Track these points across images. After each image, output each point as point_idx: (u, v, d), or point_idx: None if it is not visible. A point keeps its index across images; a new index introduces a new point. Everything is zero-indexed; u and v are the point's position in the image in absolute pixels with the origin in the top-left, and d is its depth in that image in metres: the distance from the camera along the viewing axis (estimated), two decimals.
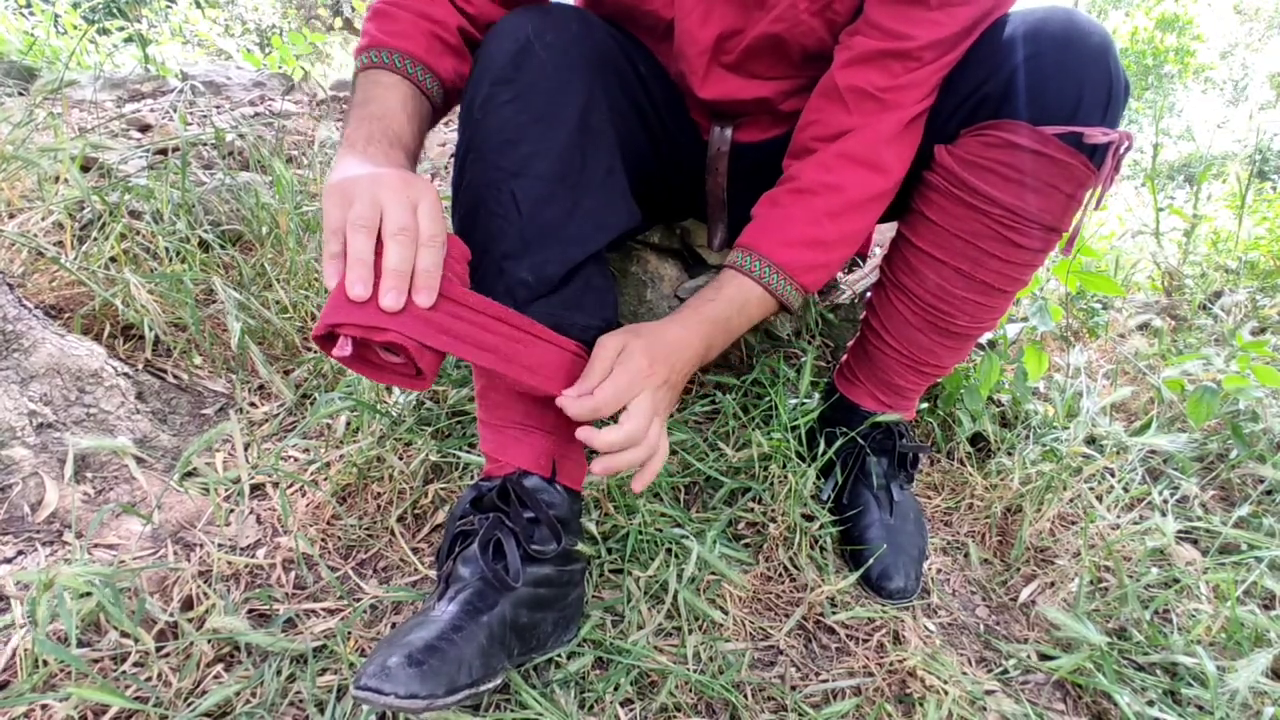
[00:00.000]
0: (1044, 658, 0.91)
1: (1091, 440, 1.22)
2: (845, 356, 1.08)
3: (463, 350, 0.64)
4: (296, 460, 1.04)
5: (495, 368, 0.68)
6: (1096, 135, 0.73)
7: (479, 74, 0.73)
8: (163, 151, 1.55)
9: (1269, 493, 1.23)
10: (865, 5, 0.78)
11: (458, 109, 0.79)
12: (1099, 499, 1.14)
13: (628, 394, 0.69)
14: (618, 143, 0.79)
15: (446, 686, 0.61)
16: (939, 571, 1.03)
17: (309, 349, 1.22)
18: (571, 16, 0.77)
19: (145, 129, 1.74)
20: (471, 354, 0.65)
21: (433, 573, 0.90)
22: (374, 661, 0.60)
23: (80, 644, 0.73)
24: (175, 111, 1.73)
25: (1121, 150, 0.76)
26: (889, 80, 0.77)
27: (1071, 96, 0.74)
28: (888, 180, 0.81)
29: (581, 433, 0.69)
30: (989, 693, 0.84)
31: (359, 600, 0.85)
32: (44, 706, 0.67)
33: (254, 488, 0.98)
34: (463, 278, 0.67)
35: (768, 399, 1.12)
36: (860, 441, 1.02)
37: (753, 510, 1.03)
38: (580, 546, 0.81)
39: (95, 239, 1.23)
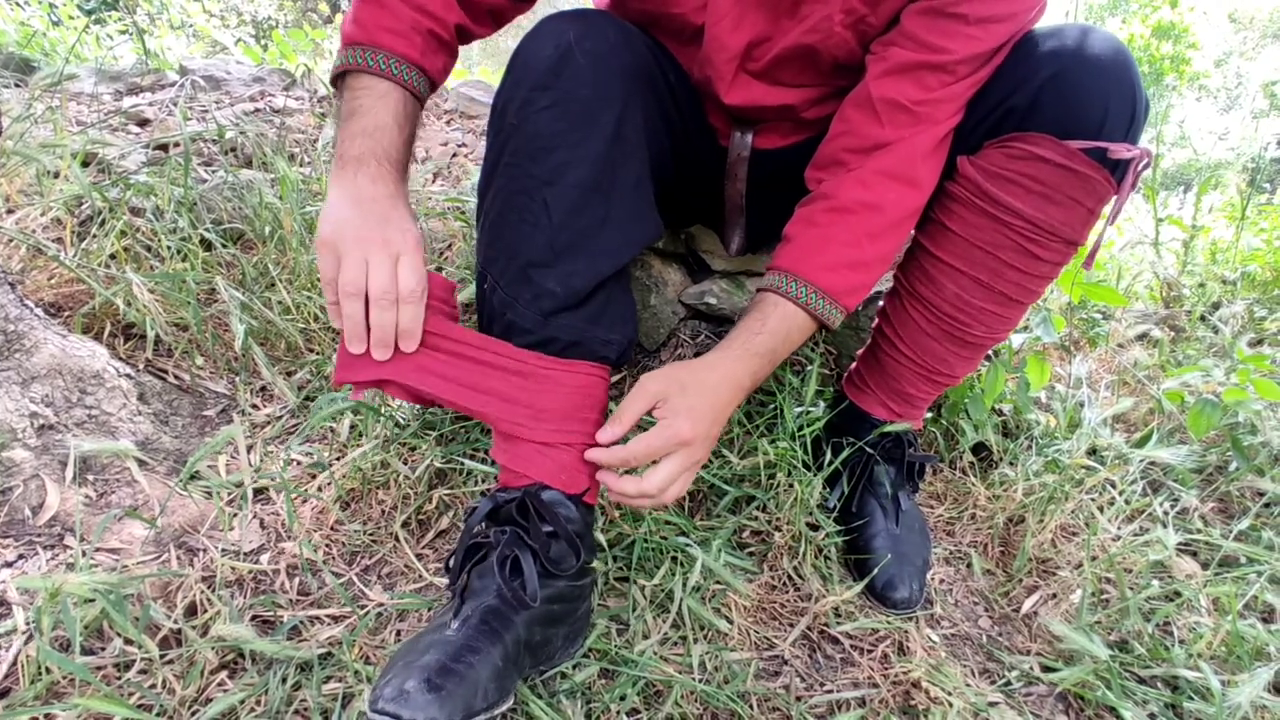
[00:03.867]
0: (1046, 669, 0.91)
1: (1093, 451, 1.23)
2: (855, 364, 1.08)
3: (460, 396, 0.73)
4: (300, 464, 1.03)
5: (497, 413, 0.74)
6: (1120, 151, 0.74)
7: (516, 78, 0.73)
8: (163, 147, 1.53)
9: (1268, 505, 1.24)
10: (902, 17, 0.78)
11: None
12: (1100, 510, 1.15)
13: (661, 452, 0.73)
14: (647, 153, 0.79)
15: (463, 712, 0.61)
16: (942, 582, 1.03)
17: (312, 350, 1.21)
18: (609, 24, 0.76)
19: (144, 123, 1.72)
20: (468, 399, 0.73)
21: (438, 580, 0.90)
22: (390, 683, 0.60)
23: (84, 651, 0.73)
24: (175, 106, 1.72)
25: (1141, 166, 0.77)
26: (923, 94, 0.77)
27: (1097, 112, 0.75)
28: (922, 196, 0.82)
29: (603, 475, 0.75)
30: (992, 704, 0.84)
31: (364, 607, 0.85)
32: (47, 716, 0.66)
33: (257, 492, 0.97)
34: (452, 312, 0.75)
35: (773, 406, 1.12)
36: (869, 450, 1.03)
37: (758, 519, 1.03)
38: (594, 562, 0.81)
39: (95, 236, 1.21)
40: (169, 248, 1.21)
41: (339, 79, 0.74)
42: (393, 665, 0.64)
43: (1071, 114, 0.76)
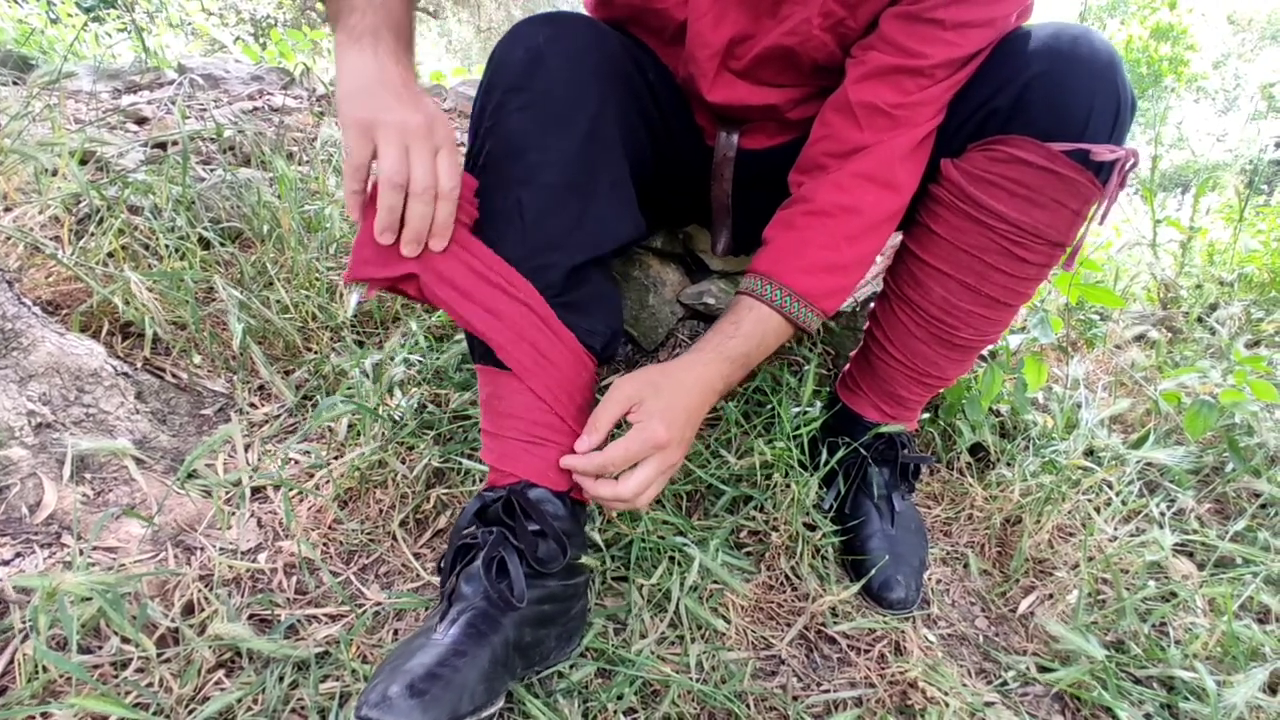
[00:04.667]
0: (1043, 670, 0.91)
1: (1090, 452, 1.23)
2: (848, 366, 1.08)
3: (472, 313, 0.72)
4: (298, 463, 1.03)
5: (504, 340, 0.72)
6: (1104, 153, 0.74)
7: (491, 81, 0.73)
8: (161, 145, 1.53)
9: (1264, 506, 1.24)
10: (880, 21, 0.78)
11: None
12: (1097, 511, 1.15)
13: (638, 457, 0.72)
14: (625, 152, 0.79)
15: (449, 715, 0.60)
16: (939, 582, 1.03)
17: (310, 349, 1.21)
18: (583, 25, 0.77)
19: (142, 122, 1.72)
20: (479, 318, 0.72)
21: (435, 579, 0.90)
22: (375, 689, 0.60)
23: (81, 650, 0.73)
24: (174, 105, 1.72)
25: (1127, 167, 0.77)
26: (901, 97, 0.77)
27: (1081, 113, 0.74)
28: (902, 199, 0.82)
29: (579, 477, 0.75)
30: (989, 704, 0.85)
31: (361, 606, 0.85)
32: (44, 715, 0.66)
33: (255, 490, 0.97)
34: (474, 213, 0.74)
35: (770, 407, 1.12)
36: (862, 452, 1.03)
37: (755, 519, 1.03)
38: (585, 559, 0.81)
39: (93, 234, 1.21)
40: (167, 246, 1.21)
41: None
42: (380, 670, 0.64)
43: (1055, 115, 0.75)
